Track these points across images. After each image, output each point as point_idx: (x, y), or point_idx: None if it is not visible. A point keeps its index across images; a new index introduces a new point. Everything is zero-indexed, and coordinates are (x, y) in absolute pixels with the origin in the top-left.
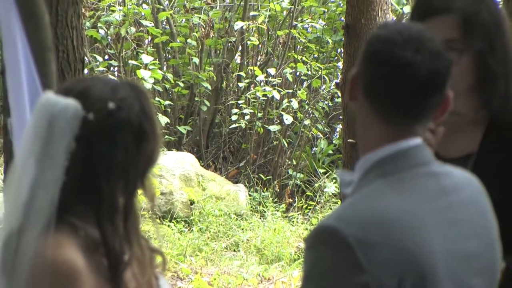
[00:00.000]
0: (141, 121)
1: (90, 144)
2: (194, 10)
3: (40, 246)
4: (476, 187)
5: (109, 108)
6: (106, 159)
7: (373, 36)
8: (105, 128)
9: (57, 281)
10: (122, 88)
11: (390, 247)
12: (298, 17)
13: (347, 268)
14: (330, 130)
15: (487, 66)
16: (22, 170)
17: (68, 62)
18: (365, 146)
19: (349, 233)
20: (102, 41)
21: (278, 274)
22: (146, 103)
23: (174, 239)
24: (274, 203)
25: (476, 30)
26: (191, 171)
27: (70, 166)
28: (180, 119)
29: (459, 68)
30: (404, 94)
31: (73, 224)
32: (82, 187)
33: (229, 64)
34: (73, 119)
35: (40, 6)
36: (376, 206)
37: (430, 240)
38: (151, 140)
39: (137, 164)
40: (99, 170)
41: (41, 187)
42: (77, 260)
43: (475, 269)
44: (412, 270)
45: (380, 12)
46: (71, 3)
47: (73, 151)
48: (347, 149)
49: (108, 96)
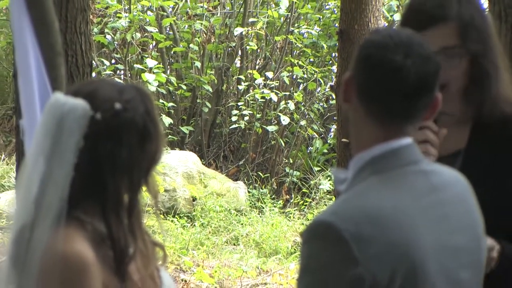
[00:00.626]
0: (145, 122)
1: (97, 143)
2: (196, 17)
3: (51, 240)
4: (463, 185)
5: (116, 108)
6: (112, 157)
7: (365, 41)
8: (112, 127)
9: (68, 273)
10: (128, 90)
11: (382, 241)
12: (295, 23)
13: (342, 262)
14: (325, 130)
15: (481, 68)
16: (32, 167)
17: (76, 66)
18: (358, 146)
19: (344, 228)
20: (109, 46)
21: (276, 266)
22: (150, 105)
23: (177, 233)
24: (272, 200)
25: (472, 34)
26: (194, 169)
27: (78, 163)
28: (183, 120)
29: (457, 71)
30: (395, 96)
31: (81, 219)
32: (89, 184)
33: (229, 68)
34: (82, 118)
35: (50, 13)
36: (369, 202)
37: (420, 234)
38: (154, 140)
39: (141, 162)
40: (105, 167)
41: (51, 183)
42: (87, 253)
43: (463, 262)
44: (404, 263)
45: (372, 18)
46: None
47: (81, 149)
48: (341, 148)
49: (115, 97)
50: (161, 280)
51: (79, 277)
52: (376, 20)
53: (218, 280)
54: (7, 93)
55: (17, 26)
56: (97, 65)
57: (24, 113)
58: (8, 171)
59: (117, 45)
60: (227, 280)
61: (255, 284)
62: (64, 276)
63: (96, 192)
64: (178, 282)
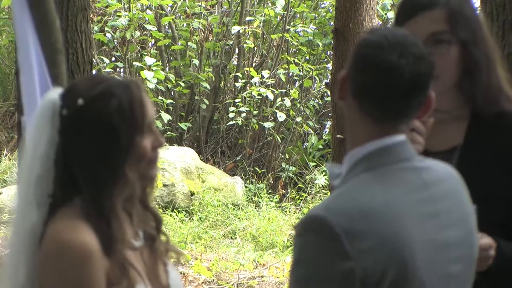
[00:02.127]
0: (112, 117)
1: (65, 138)
2: (194, 16)
3: (54, 229)
4: (455, 179)
5: (78, 104)
6: (77, 152)
7: (361, 41)
8: (75, 122)
9: (71, 261)
10: (102, 85)
11: (373, 236)
12: (291, 22)
13: (334, 256)
14: (320, 126)
15: (472, 56)
16: (25, 162)
17: (77, 63)
18: (352, 142)
19: (336, 223)
20: (109, 44)
21: (272, 260)
22: (129, 98)
23: (175, 227)
24: (268, 194)
25: (461, 22)
26: (192, 164)
27: (56, 159)
28: (181, 117)
29: (447, 59)
30: (390, 95)
31: (83, 207)
32: (71, 177)
33: (226, 66)
34: (54, 114)
35: (51, 12)
36: (361, 198)
37: (410, 230)
38: (123, 135)
39: (112, 157)
40: (75, 161)
41: (40, 178)
42: (91, 241)
43: (453, 257)
44: (394, 258)
45: (367, 17)
46: (80, 9)
47: (57, 145)
48: (336, 144)
49: (82, 93)
50: (168, 275)
51: (83, 265)
52: (371, 18)
53: (215, 273)
54: (9, 90)
55: (19, 24)
56: (97, 63)
57: (26, 110)
58: (10, 166)
59: (117, 43)
60: (225, 273)
61: (252, 277)
62: (67, 264)
63: (79, 184)
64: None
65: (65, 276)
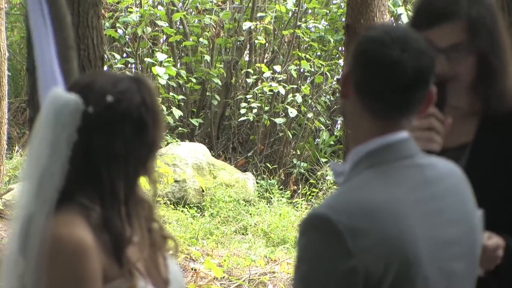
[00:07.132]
0: (141, 113)
1: (90, 135)
2: (205, 11)
3: (52, 225)
4: (458, 177)
5: (107, 101)
6: (106, 149)
7: (362, 37)
8: (104, 120)
9: (67, 256)
10: (123, 81)
11: (376, 234)
12: (302, 18)
13: (337, 253)
14: (332, 122)
15: (490, 65)
16: (33, 160)
17: (88, 59)
18: (355, 139)
19: (339, 221)
20: (120, 40)
21: (284, 255)
22: (148, 95)
23: (187, 223)
24: (279, 190)
25: (481, 31)
26: (203, 160)
27: (73, 156)
28: (193, 113)
29: (465, 67)
30: (392, 91)
31: (85, 205)
32: (86, 175)
33: (238, 62)
34: (74, 112)
35: (63, 7)
36: (363, 195)
37: (413, 227)
38: (151, 130)
39: (137, 152)
40: (99, 159)
41: (48, 175)
42: (86, 237)
43: (455, 254)
44: (397, 255)
45: (378, 13)
46: (92, 4)
47: (76, 142)
48: (347, 140)
49: (108, 89)
50: (168, 268)
51: (78, 260)
52: (382, 14)
53: (227, 269)
54: (21, 86)
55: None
56: (109, 59)
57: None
58: (22, 162)
59: (128, 39)
60: (236, 269)
61: (263, 272)
62: (63, 259)
63: (93, 182)
64: (188, 271)
65: (60, 269)
